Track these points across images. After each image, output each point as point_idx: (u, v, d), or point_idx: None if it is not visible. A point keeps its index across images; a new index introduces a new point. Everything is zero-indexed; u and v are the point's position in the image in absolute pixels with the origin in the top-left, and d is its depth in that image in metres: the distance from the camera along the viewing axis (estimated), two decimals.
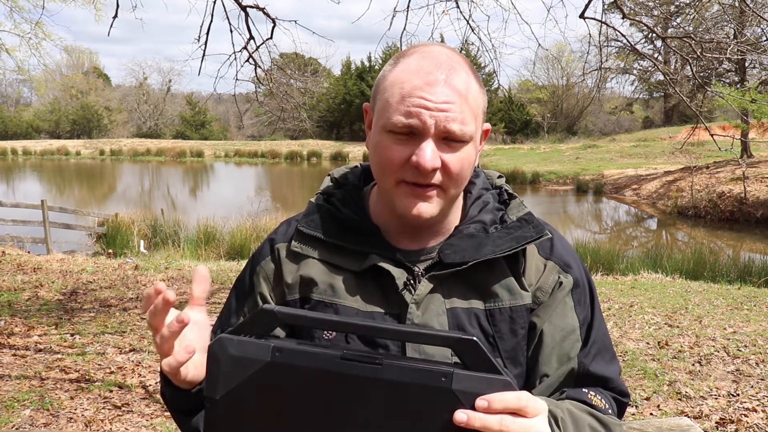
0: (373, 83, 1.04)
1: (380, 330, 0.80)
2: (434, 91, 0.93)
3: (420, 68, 0.95)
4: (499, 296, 1.01)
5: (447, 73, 0.94)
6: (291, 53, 13.40)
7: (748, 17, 7.14)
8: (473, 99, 0.97)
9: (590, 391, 1.01)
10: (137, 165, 42.30)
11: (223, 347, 0.78)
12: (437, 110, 0.92)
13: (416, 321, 0.98)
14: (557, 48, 34.88)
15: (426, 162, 0.92)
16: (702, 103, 6.97)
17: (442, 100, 0.92)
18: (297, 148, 44.92)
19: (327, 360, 0.76)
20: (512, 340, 1.01)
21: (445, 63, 0.96)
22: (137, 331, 5.28)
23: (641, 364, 4.53)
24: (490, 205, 1.08)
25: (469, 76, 0.97)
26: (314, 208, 1.08)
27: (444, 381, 0.74)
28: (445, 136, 0.94)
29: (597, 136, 46.52)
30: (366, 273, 1.01)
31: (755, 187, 18.44)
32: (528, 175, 27.78)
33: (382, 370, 0.75)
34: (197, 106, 57.96)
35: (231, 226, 12.63)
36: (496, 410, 0.74)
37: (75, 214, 14.55)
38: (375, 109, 1.00)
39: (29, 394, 3.89)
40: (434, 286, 1.00)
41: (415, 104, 0.92)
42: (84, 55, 64.22)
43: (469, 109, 0.95)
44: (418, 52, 0.99)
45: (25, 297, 6.40)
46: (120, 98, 63.73)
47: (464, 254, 0.99)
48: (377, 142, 0.97)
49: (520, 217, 1.06)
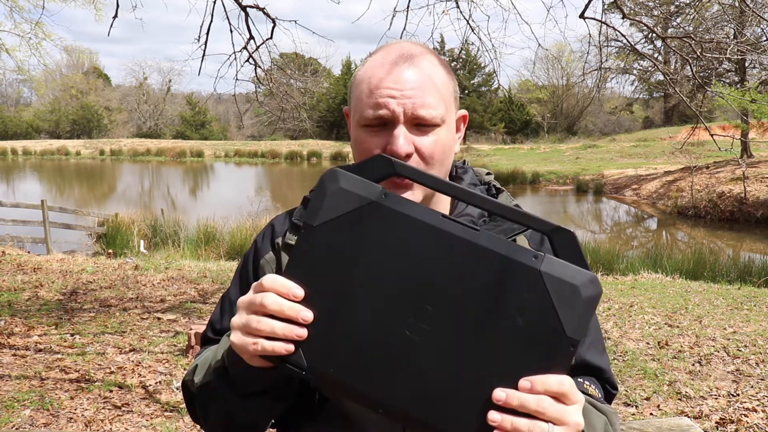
0: None
1: (482, 199, 0.79)
2: (398, 78, 0.95)
3: (384, 61, 0.98)
4: None
5: (409, 60, 0.97)
6: (291, 53, 13.40)
7: (748, 17, 7.14)
8: (441, 83, 0.99)
9: (585, 380, 1.02)
10: (137, 165, 42.31)
11: (335, 178, 0.78)
12: (403, 97, 0.94)
13: None
14: (557, 48, 34.87)
15: (399, 148, 0.93)
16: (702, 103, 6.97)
17: (408, 87, 0.95)
18: (297, 148, 44.92)
19: (430, 214, 0.76)
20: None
21: (407, 52, 0.98)
22: (137, 331, 5.28)
23: (641, 364, 4.53)
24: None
25: (433, 62, 1.00)
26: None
27: (535, 261, 0.74)
28: (416, 122, 0.95)
29: (597, 136, 46.52)
30: None
31: (755, 187, 18.44)
32: (528, 175, 27.77)
33: (479, 236, 0.75)
34: (197, 106, 57.97)
35: (231, 226, 12.62)
36: (537, 391, 0.72)
37: (75, 214, 14.55)
38: (351, 108, 1.02)
39: (29, 394, 3.89)
40: None
41: (382, 95, 0.95)
42: (84, 55, 64.26)
43: (436, 92, 0.97)
44: (383, 48, 1.02)
45: (25, 297, 6.40)
46: (120, 98, 63.72)
47: None
48: (355, 138, 1.00)
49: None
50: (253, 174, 38.13)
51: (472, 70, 47.36)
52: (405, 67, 0.96)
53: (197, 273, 7.90)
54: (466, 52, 33.49)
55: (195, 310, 6.05)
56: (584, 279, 0.75)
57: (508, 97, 46.62)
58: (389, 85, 0.95)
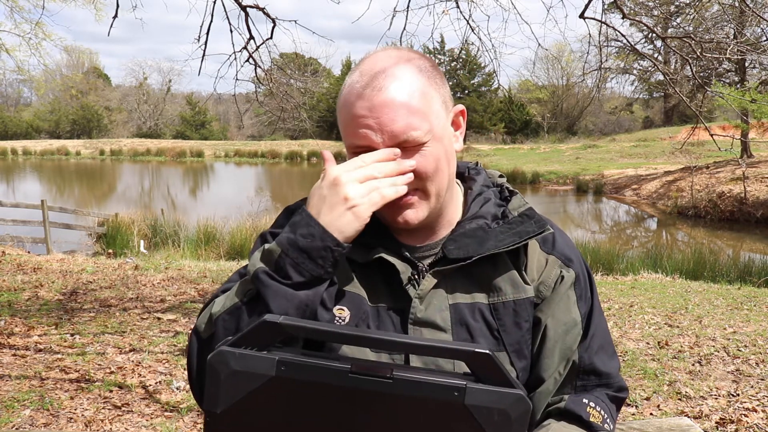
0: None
1: (393, 343, 0.77)
2: (372, 106, 0.93)
3: (356, 86, 0.96)
4: (503, 290, 1.02)
5: (383, 83, 0.94)
6: (291, 53, 13.40)
7: (748, 17, 7.14)
8: (420, 97, 0.96)
9: (590, 401, 1.02)
10: (137, 165, 42.30)
11: (224, 360, 0.75)
12: (380, 125, 0.93)
13: (420, 316, 0.99)
14: (557, 48, 34.85)
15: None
16: (702, 103, 6.96)
17: (383, 114, 0.93)
18: (297, 148, 44.91)
19: (335, 374, 0.73)
20: (517, 334, 1.02)
21: (380, 73, 0.95)
22: (137, 331, 5.28)
23: (641, 364, 4.53)
24: (491, 201, 1.09)
25: (410, 74, 0.97)
26: None
27: (457, 396, 0.72)
28: (400, 146, 0.94)
29: (597, 136, 46.52)
30: (371, 265, 1.01)
31: (755, 187, 18.44)
32: (528, 175, 27.78)
33: (393, 385, 0.73)
34: (197, 106, 57.95)
35: (231, 226, 12.63)
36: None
37: (75, 214, 14.55)
38: (340, 128, 1.02)
39: (29, 394, 3.89)
40: (438, 282, 1.01)
41: (360, 126, 0.94)
42: (84, 55, 64.17)
43: (416, 110, 0.95)
44: (359, 66, 1.00)
45: (25, 297, 6.40)
46: (120, 98, 63.69)
47: (468, 249, 1.00)
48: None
49: (521, 213, 1.07)
50: (253, 174, 38.13)
51: (472, 70, 47.35)
52: (378, 92, 0.94)
53: (197, 273, 7.90)
54: (466, 52, 33.51)
55: (195, 310, 6.05)
56: (510, 401, 0.73)
57: (508, 97, 46.61)
58: (364, 113, 0.94)
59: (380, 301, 1.01)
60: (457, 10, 5.16)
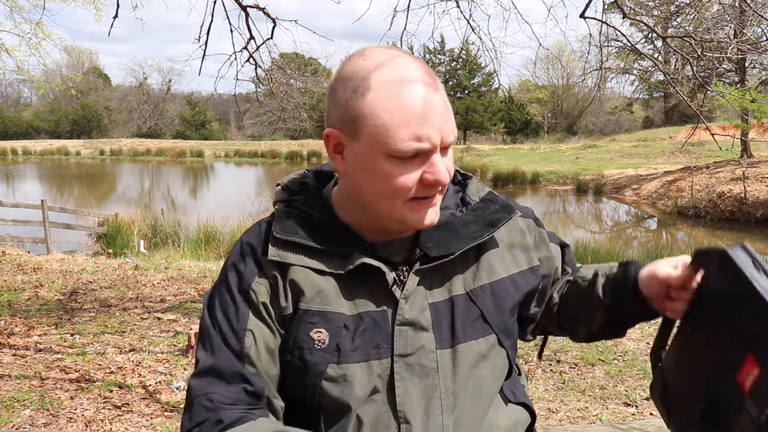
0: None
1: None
2: (433, 108, 0.91)
3: (409, 84, 0.91)
4: (478, 276, 1.04)
5: (433, 84, 0.93)
6: (291, 53, 13.39)
7: (749, 17, 7.14)
8: (447, 97, 0.97)
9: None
10: (137, 165, 42.31)
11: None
12: (439, 127, 0.92)
13: (407, 317, 0.99)
14: (557, 48, 34.86)
15: (444, 178, 0.94)
16: (702, 102, 6.96)
17: (440, 114, 0.92)
18: (297, 148, 44.89)
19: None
20: (501, 314, 1.04)
21: (420, 72, 0.93)
22: (137, 331, 5.28)
23: (641, 364, 4.53)
24: (450, 190, 1.09)
25: (434, 73, 0.97)
26: (284, 214, 1.04)
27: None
28: (445, 147, 0.95)
29: (597, 136, 46.51)
30: (351, 274, 0.99)
31: (755, 187, 18.43)
32: (528, 175, 27.76)
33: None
34: (197, 106, 57.95)
35: (231, 226, 12.63)
36: None
37: (75, 214, 14.56)
38: (360, 134, 0.93)
39: (29, 394, 3.89)
40: (419, 280, 1.01)
41: (423, 126, 0.90)
42: (84, 55, 64.13)
43: (452, 110, 0.97)
44: (387, 67, 0.93)
45: (25, 297, 6.39)
46: (120, 98, 63.66)
47: (448, 246, 1.01)
48: (376, 169, 0.93)
49: (483, 198, 1.09)
50: (253, 174, 38.13)
51: (472, 70, 47.33)
52: (432, 90, 0.92)
53: (197, 273, 7.90)
54: (466, 52, 33.51)
55: (195, 310, 6.05)
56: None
57: (509, 97, 46.59)
58: (426, 113, 0.91)
59: (363, 307, 0.99)
60: (457, 9, 5.17)
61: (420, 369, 0.98)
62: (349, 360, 0.96)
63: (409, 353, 0.98)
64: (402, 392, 0.97)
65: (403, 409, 0.97)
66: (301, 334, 0.97)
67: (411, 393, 0.97)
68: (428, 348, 0.98)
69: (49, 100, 60.48)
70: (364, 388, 0.96)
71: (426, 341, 0.99)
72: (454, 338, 1.00)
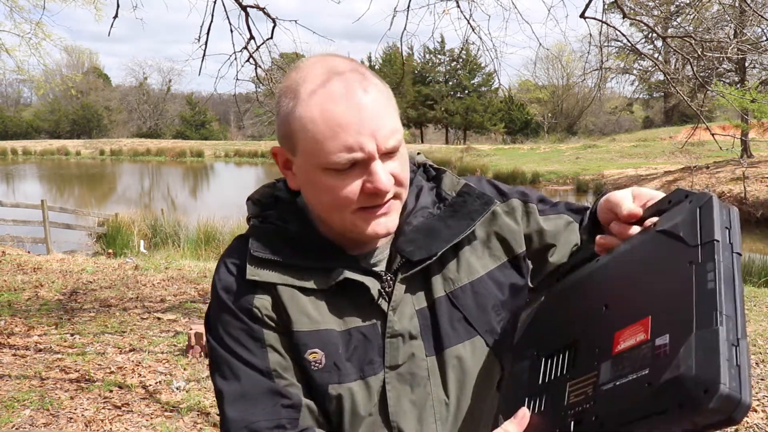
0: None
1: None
2: (361, 113, 0.86)
3: (333, 91, 0.87)
4: (457, 277, 1.00)
5: (361, 86, 0.88)
6: (291, 53, 13.41)
7: (749, 17, 7.14)
8: (389, 97, 0.92)
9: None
10: (137, 165, 42.32)
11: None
12: (372, 133, 0.86)
13: (396, 328, 0.95)
14: (557, 48, 34.87)
15: (385, 186, 0.88)
16: (702, 102, 6.96)
17: (372, 117, 0.87)
18: None
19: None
20: (484, 315, 1.00)
21: (351, 75, 0.89)
22: (137, 331, 5.28)
23: None
24: (424, 188, 1.05)
25: (372, 74, 0.92)
26: (260, 231, 0.99)
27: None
28: (387, 152, 0.89)
29: (597, 136, 46.51)
30: (335, 289, 0.95)
31: (755, 187, 18.44)
32: (528, 175, 27.75)
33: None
34: (197, 106, 57.95)
35: (231, 226, 12.63)
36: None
37: (75, 214, 14.56)
38: (297, 150, 0.91)
39: (29, 394, 3.89)
40: (405, 287, 0.98)
41: (351, 134, 0.86)
42: (84, 55, 64.17)
43: (393, 110, 0.91)
44: (311, 70, 0.90)
45: (25, 297, 6.39)
46: (120, 98, 63.69)
47: (430, 247, 0.97)
48: (317, 183, 0.91)
49: (459, 191, 1.04)
50: (253, 174, 38.13)
51: (472, 70, 47.35)
52: (361, 94, 0.87)
53: (197, 273, 7.90)
54: (466, 52, 33.53)
55: (195, 310, 6.05)
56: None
57: (509, 97, 46.58)
58: (355, 122, 0.86)
59: (351, 324, 0.95)
60: (457, 9, 5.17)
61: (411, 378, 0.96)
62: (348, 379, 0.94)
63: (399, 364, 0.96)
64: (394, 402, 0.95)
65: (396, 419, 0.95)
66: (298, 358, 0.94)
67: (403, 402, 0.95)
68: (419, 356, 0.96)
69: (49, 100, 60.49)
70: (366, 407, 0.94)
71: (416, 349, 0.96)
72: (440, 344, 0.97)
